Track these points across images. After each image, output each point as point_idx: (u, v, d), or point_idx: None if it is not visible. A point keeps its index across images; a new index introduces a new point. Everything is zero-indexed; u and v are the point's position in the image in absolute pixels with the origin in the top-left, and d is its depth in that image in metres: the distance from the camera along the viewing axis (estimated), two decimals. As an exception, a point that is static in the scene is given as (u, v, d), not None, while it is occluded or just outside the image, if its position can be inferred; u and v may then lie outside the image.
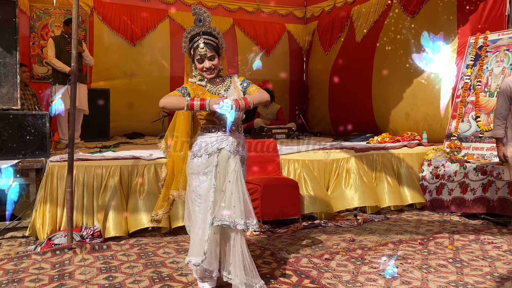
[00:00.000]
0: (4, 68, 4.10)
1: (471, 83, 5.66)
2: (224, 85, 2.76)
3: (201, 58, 2.66)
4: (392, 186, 5.32)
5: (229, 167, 2.63)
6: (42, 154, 4.23)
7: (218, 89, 2.74)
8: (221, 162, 2.64)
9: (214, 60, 2.68)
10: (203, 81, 2.76)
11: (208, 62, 2.66)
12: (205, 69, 2.67)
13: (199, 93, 2.70)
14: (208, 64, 2.66)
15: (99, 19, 7.99)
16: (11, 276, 3.18)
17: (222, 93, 2.70)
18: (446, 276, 3.19)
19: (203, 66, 2.67)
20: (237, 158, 2.67)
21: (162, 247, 3.90)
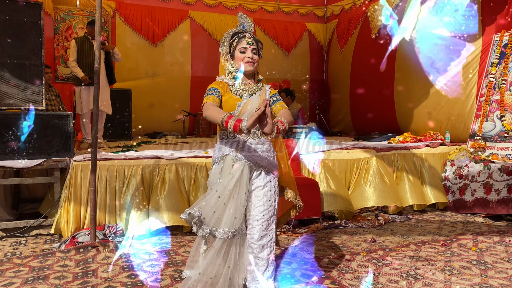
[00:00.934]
0: (29, 70, 4.18)
1: (496, 81, 5.54)
2: (252, 90, 2.64)
3: (245, 47, 2.58)
4: (414, 186, 5.25)
5: (232, 173, 2.49)
6: (66, 154, 4.31)
7: (243, 90, 2.61)
8: (225, 169, 2.53)
9: (256, 55, 2.62)
10: (231, 81, 2.64)
11: (251, 53, 2.59)
12: (247, 58, 2.58)
13: (223, 92, 2.60)
14: (251, 54, 2.59)
15: (121, 20, 8.10)
16: (36, 273, 3.26)
17: (245, 97, 2.59)
18: (470, 278, 3.14)
19: (245, 56, 2.59)
20: (241, 164, 2.50)
21: (183, 246, 3.94)
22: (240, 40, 2.60)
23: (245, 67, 2.60)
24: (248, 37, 2.60)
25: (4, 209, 4.62)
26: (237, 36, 2.64)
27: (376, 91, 7.79)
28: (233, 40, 2.64)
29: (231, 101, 2.56)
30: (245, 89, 2.63)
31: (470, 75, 5.97)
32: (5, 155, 4.08)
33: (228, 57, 2.69)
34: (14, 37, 4.11)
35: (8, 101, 4.14)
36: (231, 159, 2.54)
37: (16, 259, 3.57)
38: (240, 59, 2.60)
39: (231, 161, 2.53)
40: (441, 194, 5.34)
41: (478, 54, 5.90)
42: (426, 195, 5.30)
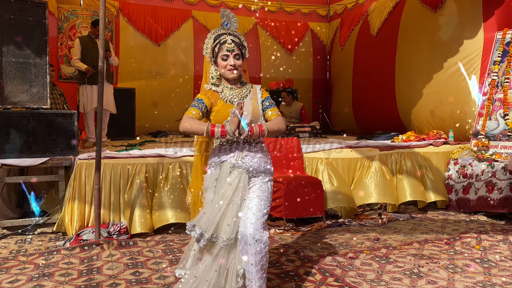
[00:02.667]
0: (34, 69, 4.21)
1: (499, 80, 5.54)
2: (241, 93, 2.58)
3: (227, 55, 2.51)
4: (416, 184, 5.25)
5: (228, 181, 2.46)
6: (70, 152, 4.33)
7: (233, 96, 2.56)
8: (221, 176, 2.49)
9: (239, 60, 2.53)
10: (219, 87, 2.60)
11: (233, 60, 2.51)
12: (229, 66, 2.51)
13: (214, 101, 2.53)
14: (233, 61, 2.50)
15: (124, 20, 8.14)
16: (41, 270, 3.28)
17: (235, 101, 2.51)
18: (473, 276, 3.14)
19: (227, 64, 2.51)
20: (238, 172, 2.47)
21: (187, 244, 3.94)
22: (221, 47, 2.52)
23: (227, 75, 2.55)
24: (228, 43, 2.50)
25: (8, 207, 4.65)
26: (218, 40, 2.54)
27: (379, 89, 7.80)
28: (215, 45, 2.55)
29: (223, 109, 2.49)
30: (234, 94, 2.57)
31: (472, 73, 5.97)
32: (10, 153, 4.11)
33: (211, 62, 2.63)
34: (19, 36, 4.14)
35: (13, 100, 4.17)
36: (228, 166, 2.49)
37: (21, 256, 3.60)
38: (221, 66, 2.54)
39: (228, 168, 2.49)
40: (443, 193, 5.35)
41: (480, 51, 5.89)
42: (427, 194, 5.31)
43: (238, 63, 2.53)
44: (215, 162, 2.54)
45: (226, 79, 2.59)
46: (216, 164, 2.54)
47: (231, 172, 2.48)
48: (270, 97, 2.70)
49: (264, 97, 2.64)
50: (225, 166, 2.50)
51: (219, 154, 2.54)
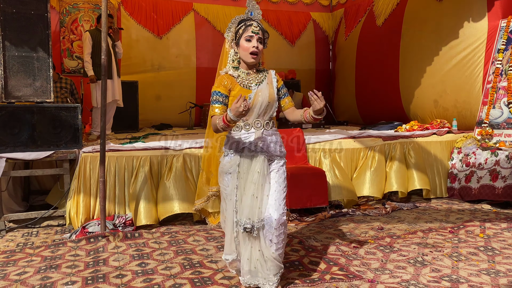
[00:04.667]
0: (37, 62, 4.22)
1: (503, 68, 5.51)
2: (258, 78, 2.64)
3: (251, 36, 2.56)
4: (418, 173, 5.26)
5: (253, 167, 2.58)
6: (75, 146, 4.35)
7: (250, 81, 2.62)
8: (244, 162, 2.59)
9: (261, 44, 2.60)
10: (236, 71, 2.64)
11: (256, 42, 2.56)
12: (252, 48, 2.55)
13: (231, 86, 2.58)
14: (256, 43, 2.56)
15: (126, 14, 8.11)
16: (48, 262, 3.31)
17: (253, 87, 2.59)
18: (477, 264, 3.16)
19: (250, 45, 2.56)
20: (261, 158, 2.58)
21: (192, 235, 3.98)
22: (247, 28, 2.58)
23: (248, 59, 2.59)
24: (254, 26, 2.57)
25: (14, 200, 4.69)
26: (244, 23, 2.61)
27: (382, 79, 7.77)
28: (240, 27, 2.61)
29: (242, 92, 2.51)
30: (251, 79, 2.63)
31: (476, 62, 5.94)
32: (15, 147, 4.13)
33: (233, 44, 2.67)
34: (21, 30, 4.15)
35: (16, 94, 4.18)
36: (249, 151, 2.58)
37: (28, 249, 3.63)
38: (245, 48, 2.58)
39: (250, 154, 2.58)
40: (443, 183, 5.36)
41: (484, 40, 5.85)
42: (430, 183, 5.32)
43: (260, 48, 2.59)
44: (234, 147, 2.60)
45: (245, 63, 2.63)
46: (235, 150, 2.60)
47: (253, 158, 2.58)
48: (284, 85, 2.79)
49: (280, 84, 2.72)
50: (245, 152, 2.59)
51: (237, 140, 2.60)
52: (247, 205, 2.55)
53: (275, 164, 2.65)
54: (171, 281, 2.93)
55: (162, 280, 2.95)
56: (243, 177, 2.58)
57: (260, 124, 2.62)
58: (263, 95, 2.56)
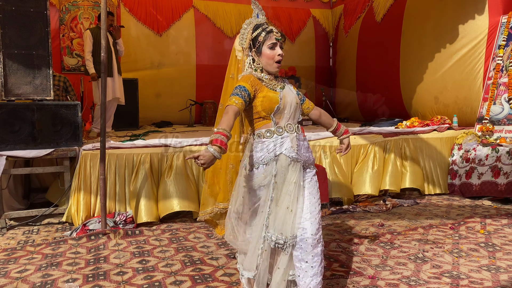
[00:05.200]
0: (37, 60, 4.21)
1: (504, 64, 5.50)
2: (279, 84, 2.42)
3: (275, 43, 2.34)
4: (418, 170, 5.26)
5: (289, 177, 2.30)
6: (75, 143, 4.35)
7: (274, 85, 2.39)
8: (280, 171, 2.30)
9: (282, 51, 2.38)
10: (260, 74, 2.40)
11: (280, 50, 2.36)
12: (277, 57, 2.35)
13: (257, 87, 2.34)
14: (281, 51, 2.36)
15: (126, 11, 8.09)
16: (49, 260, 3.32)
17: (279, 90, 2.37)
18: (478, 260, 3.16)
19: (275, 54, 2.34)
20: (298, 166, 2.32)
21: (192, 232, 3.98)
22: (268, 35, 2.35)
23: (273, 68, 2.38)
24: (276, 32, 2.37)
25: (15, 198, 4.69)
26: (262, 29, 2.38)
27: (382, 76, 7.76)
28: (259, 34, 2.37)
29: (271, 94, 2.32)
30: (275, 84, 2.40)
31: (477, 58, 5.92)
32: (15, 145, 4.13)
33: (251, 53, 2.41)
34: (21, 27, 4.14)
35: (16, 91, 4.18)
36: (285, 159, 2.30)
37: (29, 246, 3.64)
38: (269, 56, 2.35)
39: (286, 161, 2.30)
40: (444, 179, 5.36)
41: (484, 36, 5.84)
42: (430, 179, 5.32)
43: (283, 55, 2.40)
44: (266, 158, 2.31)
45: (268, 71, 2.40)
46: (268, 160, 2.30)
47: (289, 166, 2.31)
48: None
49: (295, 88, 2.54)
50: (282, 159, 2.30)
51: (271, 147, 2.32)
52: (280, 218, 2.26)
53: (308, 173, 2.41)
54: (172, 278, 2.94)
55: (162, 277, 2.95)
56: (279, 188, 2.30)
57: (292, 127, 2.38)
58: (290, 97, 2.38)
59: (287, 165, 2.30)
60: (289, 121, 2.38)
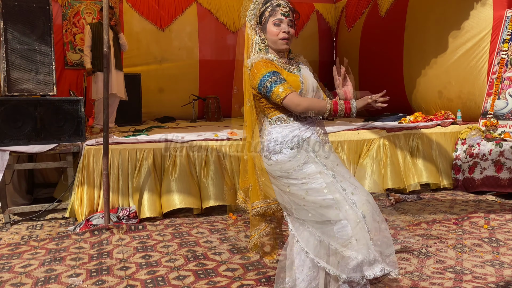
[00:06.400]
0: (40, 55, 4.21)
1: (508, 58, 5.46)
2: (294, 65, 2.25)
3: (281, 19, 2.14)
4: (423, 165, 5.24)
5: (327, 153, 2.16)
6: (78, 138, 4.36)
7: (291, 68, 2.22)
8: (315, 149, 2.14)
9: (292, 28, 2.18)
10: (269, 55, 2.20)
11: (287, 26, 2.15)
12: (282, 34, 2.14)
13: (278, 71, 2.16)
14: (287, 28, 2.14)
15: (128, 6, 8.08)
16: (53, 255, 3.33)
17: (297, 73, 2.20)
18: (482, 255, 3.15)
19: (280, 31, 2.14)
20: (329, 147, 2.20)
21: (195, 227, 3.99)
22: (275, 10, 2.16)
23: (279, 46, 2.18)
24: (283, 6, 2.15)
25: (19, 194, 4.70)
26: (269, 4, 2.18)
27: (386, 70, 7.72)
28: (265, 8, 2.18)
29: (291, 78, 2.15)
30: (289, 66, 2.23)
31: (481, 52, 5.89)
32: (19, 140, 4.14)
33: (257, 29, 2.23)
34: (23, 23, 4.13)
35: (19, 87, 4.18)
36: (315, 142, 2.15)
37: (32, 242, 3.65)
38: (273, 33, 2.16)
39: (316, 144, 2.15)
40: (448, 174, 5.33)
41: (489, 30, 5.80)
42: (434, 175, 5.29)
43: (292, 32, 2.18)
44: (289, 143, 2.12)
45: (275, 50, 2.21)
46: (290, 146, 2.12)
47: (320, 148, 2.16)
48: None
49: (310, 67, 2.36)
50: (311, 142, 2.15)
51: (292, 132, 2.14)
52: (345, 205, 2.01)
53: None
54: (175, 273, 2.94)
55: (166, 272, 2.96)
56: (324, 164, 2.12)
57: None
58: (310, 79, 2.21)
59: (319, 145, 2.16)
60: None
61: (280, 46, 2.18)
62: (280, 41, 2.16)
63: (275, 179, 2.20)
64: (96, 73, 6.09)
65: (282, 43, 2.16)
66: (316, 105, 2.08)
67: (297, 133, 2.14)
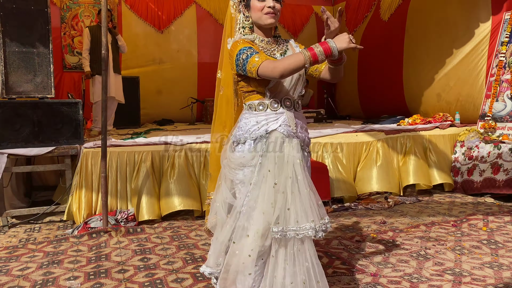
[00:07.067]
0: (38, 58, 4.21)
1: (506, 60, 5.47)
2: (279, 48, 2.13)
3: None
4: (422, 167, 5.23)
5: (286, 156, 1.96)
6: (76, 141, 4.35)
7: (272, 51, 2.09)
8: (272, 150, 1.98)
9: (278, 2, 2.04)
10: (251, 36, 2.08)
11: (272, 1, 2.02)
12: (267, 8, 2.02)
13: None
14: (272, 2, 2.01)
15: (127, 8, 8.08)
16: (51, 258, 3.32)
17: (278, 56, 2.07)
18: (480, 257, 3.14)
19: (264, 5, 2.02)
20: (295, 142, 2.00)
21: (194, 230, 3.98)
22: None
23: (264, 20, 2.05)
24: None
25: (17, 196, 4.69)
26: None
27: (385, 73, 7.73)
28: None
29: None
30: (273, 49, 2.11)
31: (480, 55, 5.90)
32: (17, 143, 4.13)
33: (241, 7, 2.12)
34: (21, 25, 4.13)
35: (17, 89, 4.17)
36: (280, 137, 1.99)
37: (30, 244, 3.64)
38: (258, 8, 2.04)
39: (280, 139, 1.98)
40: (448, 176, 5.33)
41: (488, 33, 5.81)
42: (432, 177, 5.29)
43: (278, 7, 2.05)
44: (255, 133, 2.00)
45: (260, 27, 2.10)
46: (254, 137, 2.00)
47: (284, 144, 1.98)
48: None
49: (302, 47, 2.17)
50: (273, 136, 1.99)
51: (258, 122, 2.01)
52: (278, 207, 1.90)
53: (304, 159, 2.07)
54: (173, 275, 2.93)
55: (164, 274, 2.95)
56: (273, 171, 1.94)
57: (290, 102, 2.05)
58: None
59: (281, 143, 1.98)
60: (287, 95, 2.06)
61: (265, 20, 2.05)
62: (264, 16, 2.04)
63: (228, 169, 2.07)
64: (94, 76, 6.09)
65: (267, 17, 2.04)
66: (292, 59, 1.86)
67: (263, 123, 2.01)
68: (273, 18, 2.04)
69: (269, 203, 1.91)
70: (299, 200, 1.91)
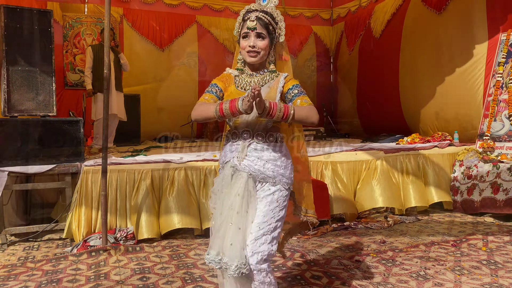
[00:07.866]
0: (40, 77, 4.26)
1: (503, 81, 5.53)
2: (260, 81, 2.17)
3: (247, 33, 2.11)
4: (421, 187, 5.25)
5: (233, 188, 2.05)
6: (77, 159, 4.37)
7: (248, 83, 2.15)
8: (225, 180, 2.10)
9: (263, 40, 2.10)
10: (237, 71, 2.20)
11: (254, 40, 2.09)
12: (248, 47, 2.10)
13: (227, 85, 2.16)
14: (253, 42, 2.09)
15: (128, 26, 8.19)
16: (49, 276, 3.30)
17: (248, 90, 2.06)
18: (480, 278, 3.14)
19: (247, 44, 2.10)
20: (244, 177, 2.05)
21: (193, 249, 3.97)
22: (244, 23, 2.15)
23: (246, 58, 2.15)
24: (251, 20, 2.10)
25: (16, 214, 4.68)
26: (242, 17, 2.17)
27: (383, 92, 7.81)
28: (239, 22, 2.19)
29: (234, 95, 2.09)
30: (252, 81, 2.16)
31: (476, 74, 5.97)
32: (17, 161, 4.15)
33: (237, 43, 2.24)
34: (25, 44, 4.19)
35: (19, 107, 4.22)
36: (230, 167, 2.09)
37: (29, 263, 3.63)
38: (242, 47, 2.14)
39: (230, 170, 2.09)
40: (447, 194, 5.34)
41: (484, 53, 5.89)
42: (431, 196, 5.30)
43: (260, 45, 2.10)
44: (222, 161, 2.18)
45: (247, 63, 2.19)
46: (222, 164, 2.17)
47: (233, 176, 2.08)
48: (300, 85, 2.20)
49: (291, 84, 2.16)
50: (227, 168, 2.12)
51: (225, 152, 2.17)
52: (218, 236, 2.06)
53: (265, 191, 2.08)
54: (172, 295, 2.92)
55: (163, 294, 2.94)
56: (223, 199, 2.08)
57: (249, 135, 2.09)
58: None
59: (230, 174, 2.08)
60: (247, 128, 2.09)
61: (247, 59, 2.15)
62: (246, 54, 2.14)
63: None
64: (96, 94, 6.15)
65: (247, 56, 2.13)
66: (205, 109, 2.02)
67: (223, 153, 2.19)
68: (253, 57, 2.13)
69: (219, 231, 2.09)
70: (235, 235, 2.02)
